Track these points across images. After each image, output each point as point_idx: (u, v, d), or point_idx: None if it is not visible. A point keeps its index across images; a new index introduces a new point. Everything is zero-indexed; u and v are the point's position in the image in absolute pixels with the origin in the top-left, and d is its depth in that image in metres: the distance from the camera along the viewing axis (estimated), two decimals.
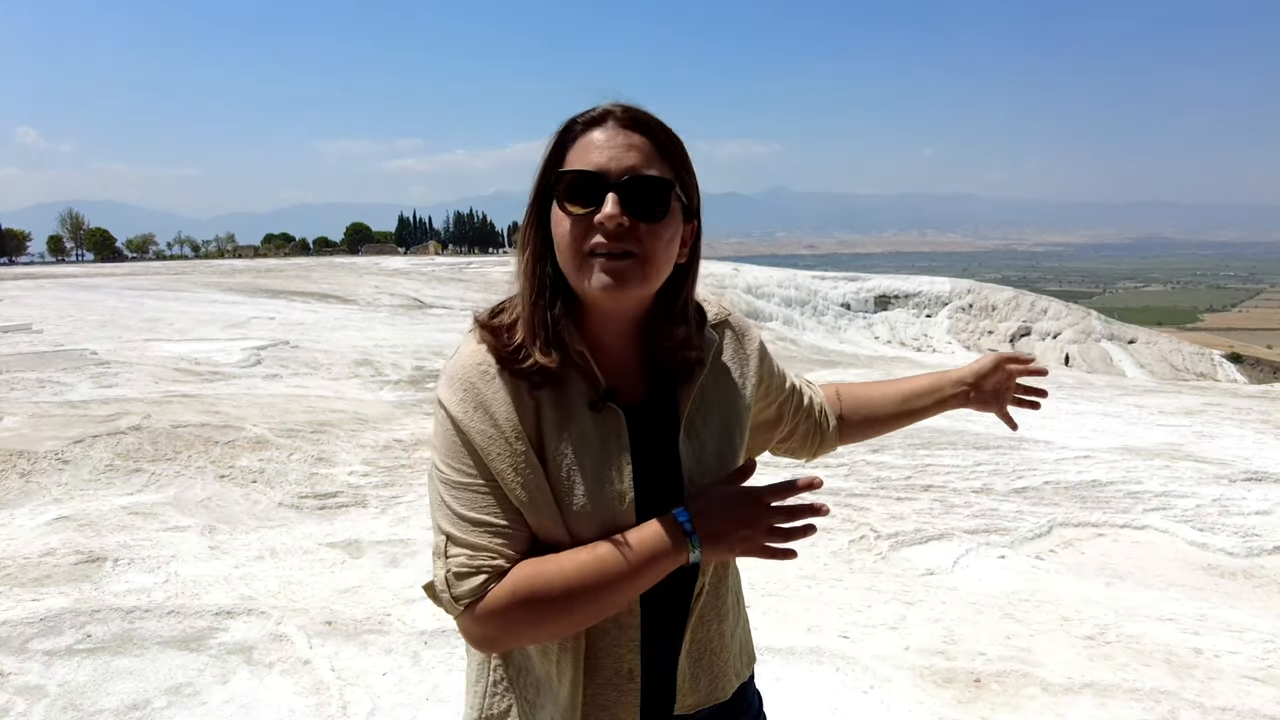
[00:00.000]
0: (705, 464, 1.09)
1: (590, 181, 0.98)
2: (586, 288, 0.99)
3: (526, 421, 1.01)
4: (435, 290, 25.05)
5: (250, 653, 3.01)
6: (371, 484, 5.15)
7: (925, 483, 5.30)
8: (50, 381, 7.54)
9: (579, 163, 0.99)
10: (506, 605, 0.97)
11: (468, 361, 1.03)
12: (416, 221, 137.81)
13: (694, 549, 0.99)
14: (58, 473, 4.95)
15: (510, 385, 1.01)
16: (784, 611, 3.40)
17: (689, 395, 1.10)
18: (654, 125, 1.02)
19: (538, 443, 1.01)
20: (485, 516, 0.99)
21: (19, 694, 2.69)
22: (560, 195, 0.99)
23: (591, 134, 1.01)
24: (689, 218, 1.06)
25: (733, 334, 1.20)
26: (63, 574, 3.63)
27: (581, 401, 1.04)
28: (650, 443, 1.07)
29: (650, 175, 0.99)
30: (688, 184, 1.04)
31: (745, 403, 1.18)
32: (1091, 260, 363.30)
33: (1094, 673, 2.89)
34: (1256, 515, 4.64)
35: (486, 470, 0.99)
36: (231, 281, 24.10)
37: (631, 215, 0.97)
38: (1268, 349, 76.21)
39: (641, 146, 1.00)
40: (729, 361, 1.18)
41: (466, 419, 1.00)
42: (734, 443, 1.14)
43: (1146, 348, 35.40)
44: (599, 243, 0.97)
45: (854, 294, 37.34)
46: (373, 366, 9.62)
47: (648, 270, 0.99)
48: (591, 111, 1.02)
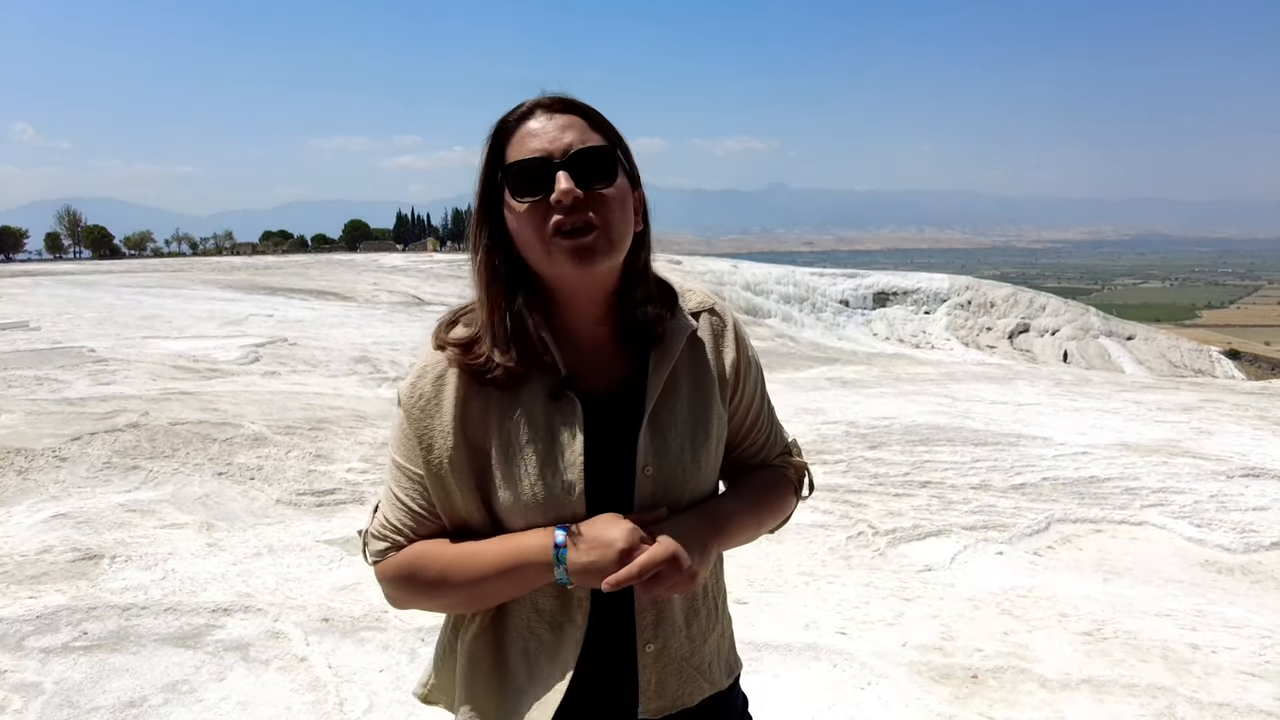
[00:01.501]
0: (666, 456, 1.08)
1: (536, 167, 1.00)
2: (557, 271, 1.01)
3: (472, 423, 1.05)
4: (434, 287, 25.03)
5: (247, 650, 3.00)
6: (370, 481, 5.14)
7: (923, 479, 5.30)
8: (48, 379, 7.53)
9: (521, 154, 1.01)
10: (394, 575, 1.09)
11: (425, 365, 1.08)
12: (415, 219, 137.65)
13: (559, 567, 1.00)
14: (55, 470, 4.95)
15: (461, 389, 1.05)
16: (781, 608, 3.40)
17: (658, 383, 1.09)
18: (580, 105, 1.05)
19: (483, 439, 1.05)
20: (405, 499, 1.09)
21: (15, 691, 2.68)
22: (510, 190, 1.02)
23: (525, 125, 1.03)
24: (634, 185, 1.08)
25: (714, 324, 1.17)
26: (60, 571, 3.62)
27: (541, 392, 1.06)
28: (612, 434, 1.07)
29: (591, 145, 1.02)
30: (626, 152, 1.07)
31: (718, 395, 1.15)
32: (1090, 257, 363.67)
33: (1091, 669, 2.89)
34: (1254, 511, 4.65)
35: (418, 463, 1.07)
36: (230, 279, 24.07)
37: (583, 187, 1.00)
38: (1266, 345, 76.33)
39: (574, 124, 1.03)
40: (706, 352, 1.15)
41: (412, 417, 1.06)
42: (699, 436, 1.11)
43: (1145, 344, 35.44)
44: (559, 221, 0.99)
45: (853, 291, 37.34)
46: (371, 364, 9.61)
47: (611, 237, 1.01)
48: (520, 107, 1.05)
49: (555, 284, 1.05)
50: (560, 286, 1.05)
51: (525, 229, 1.01)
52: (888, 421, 7.12)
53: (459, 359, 1.05)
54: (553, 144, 1.00)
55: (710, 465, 1.14)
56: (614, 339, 1.11)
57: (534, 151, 1.00)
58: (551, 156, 1.00)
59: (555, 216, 0.99)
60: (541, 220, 1.00)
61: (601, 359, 1.10)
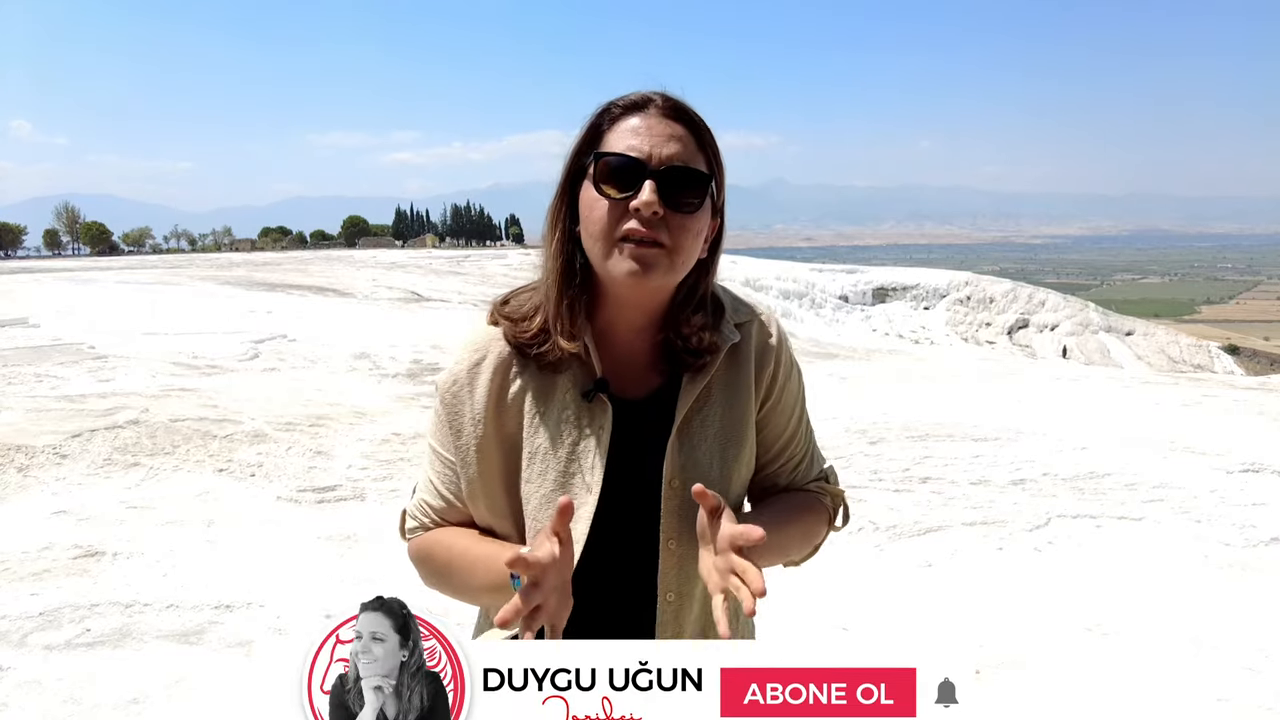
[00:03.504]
0: (694, 469, 1.05)
1: (629, 166, 0.96)
2: (613, 273, 0.98)
3: (504, 411, 1.05)
4: (433, 283, 25.01)
5: (250, 646, 3.01)
6: (370, 477, 5.15)
7: (923, 475, 5.31)
8: (48, 375, 7.53)
9: (618, 146, 0.98)
10: (415, 555, 1.13)
11: (468, 348, 1.08)
12: (413, 214, 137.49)
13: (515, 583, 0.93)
14: (55, 466, 4.95)
15: (497, 378, 1.05)
16: (781, 604, 3.40)
17: (691, 395, 1.06)
18: (695, 119, 1.01)
19: (514, 429, 1.05)
20: (437, 484, 1.11)
21: (18, 688, 2.69)
22: (597, 177, 0.98)
23: (630, 119, 0.99)
24: (715, 214, 1.05)
25: (758, 336, 1.12)
26: (61, 568, 3.63)
27: (574, 389, 1.04)
28: (641, 441, 1.05)
29: (689, 168, 0.98)
30: (720, 181, 1.03)
31: (754, 410, 1.11)
32: (1089, 252, 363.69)
33: (1093, 663, 2.90)
34: (1253, 507, 4.65)
35: (449, 448, 1.08)
36: (228, 275, 24.04)
37: (666, 205, 0.96)
38: (1265, 341, 76.37)
39: (682, 138, 0.99)
40: (746, 365, 1.10)
41: (445, 401, 1.07)
42: (731, 451, 1.08)
43: (1144, 339, 35.47)
44: (632, 229, 0.96)
45: (852, 286, 37.36)
46: (370, 360, 9.61)
47: (675, 261, 0.98)
48: (632, 96, 1.01)
49: (608, 283, 1.02)
50: (612, 287, 1.02)
51: (597, 221, 0.98)
52: (887, 417, 7.12)
53: (511, 331, 1.04)
54: (653, 149, 0.96)
55: (741, 480, 1.10)
56: (654, 346, 1.08)
57: (631, 149, 0.97)
58: (648, 162, 0.96)
59: (630, 222, 0.96)
60: (616, 219, 0.97)
61: (637, 364, 1.08)
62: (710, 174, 1.00)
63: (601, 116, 1.01)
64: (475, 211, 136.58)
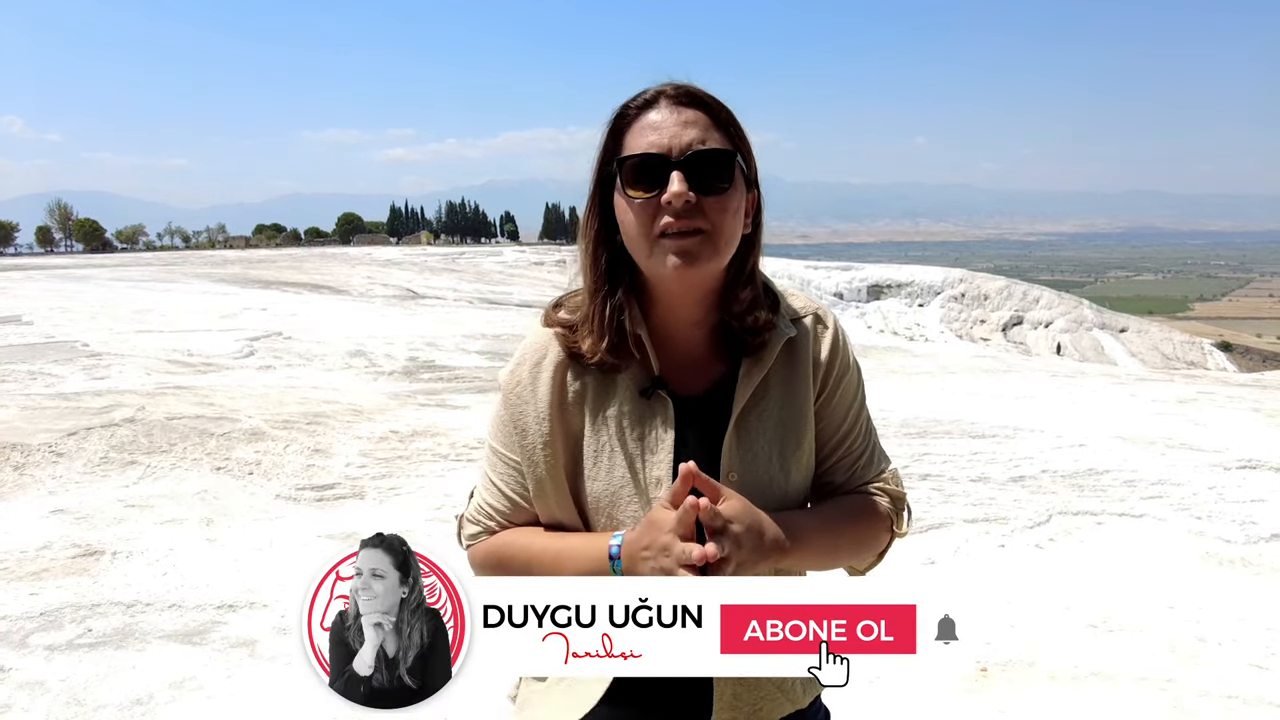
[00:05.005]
0: (751, 462, 1.05)
1: (652, 163, 0.97)
2: (659, 271, 0.99)
3: (567, 411, 1.06)
4: (428, 281, 24.96)
5: (254, 646, 2.99)
6: (369, 475, 5.13)
7: (923, 471, 5.31)
8: (42, 373, 7.49)
9: (638, 146, 0.98)
10: (484, 559, 1.11)
11: (528, 349, 1.09)
12: (408, 211, 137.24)
13: (615, 565, 0.98)
14: (52, 465, 4.92)
15: (559, 376, 1.06)
16: None
17: (749, 386, 1.05)
18: (707, 99, 1.01)
19: (577, 428, 1.05)
20: (500, 484, 1.11)
21: (20, 689, 2.66)
22: (623, 182, 0.99)
23: (646, 116, 1.00)
24: (750, 187, 1.04)
25: (816, 330, 1.12)
26: (61, 567, 3.60)
27: (633, 387, 1.05)
28: (700, 436, 1.06)
29: (711, 148, 0.98)
30: (746, 153, 1.03)
31: (813, 404, 1.10)
32: (1083, 249, 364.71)
33: (1099, 661, 2.90)
34: (1253, 503, 4.66)
35: (514, 449, 1.08)
36: (223, 272, 23.95)
37: (697, 191, 0.96)
38: (1257, 337, 76.71)
39: (698, 121, 0.99)
40: (803, 359, 1.09)
41: (509, 402, 1.08)
42: (790, 445, 1.07)
43: (1138, 336, 35.58)
44: (668, 223, 0.96)
45: (847, 283, 37.41)
46: (367, 357, 9.58)
47: (718, 243, 0.99)
48: (643, 94, 1.02)
49: (656, 282, 1.03)
50: (661, 284, 1.03)
51: (633, 224, 0.99)
52: (885, 414, 7.12)
53: (564, 339, 1.06)
54: (672, 140, 0.97)
55: (801, 476, 1.09)
56: (710, 340, 1.08)
57: (652, 146, 0.97)
58: (669, 154, 0.97)
59: (665, 217, 0.96)
60: (651, 217, 0.97)
61: (695, 359, 1.08)
62: (734, 149, 1.00)
63: (618, 121, 1.02)
64: (470, 208, 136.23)
